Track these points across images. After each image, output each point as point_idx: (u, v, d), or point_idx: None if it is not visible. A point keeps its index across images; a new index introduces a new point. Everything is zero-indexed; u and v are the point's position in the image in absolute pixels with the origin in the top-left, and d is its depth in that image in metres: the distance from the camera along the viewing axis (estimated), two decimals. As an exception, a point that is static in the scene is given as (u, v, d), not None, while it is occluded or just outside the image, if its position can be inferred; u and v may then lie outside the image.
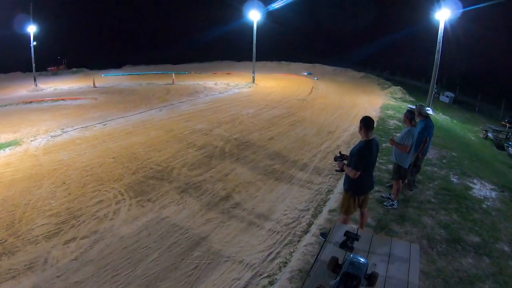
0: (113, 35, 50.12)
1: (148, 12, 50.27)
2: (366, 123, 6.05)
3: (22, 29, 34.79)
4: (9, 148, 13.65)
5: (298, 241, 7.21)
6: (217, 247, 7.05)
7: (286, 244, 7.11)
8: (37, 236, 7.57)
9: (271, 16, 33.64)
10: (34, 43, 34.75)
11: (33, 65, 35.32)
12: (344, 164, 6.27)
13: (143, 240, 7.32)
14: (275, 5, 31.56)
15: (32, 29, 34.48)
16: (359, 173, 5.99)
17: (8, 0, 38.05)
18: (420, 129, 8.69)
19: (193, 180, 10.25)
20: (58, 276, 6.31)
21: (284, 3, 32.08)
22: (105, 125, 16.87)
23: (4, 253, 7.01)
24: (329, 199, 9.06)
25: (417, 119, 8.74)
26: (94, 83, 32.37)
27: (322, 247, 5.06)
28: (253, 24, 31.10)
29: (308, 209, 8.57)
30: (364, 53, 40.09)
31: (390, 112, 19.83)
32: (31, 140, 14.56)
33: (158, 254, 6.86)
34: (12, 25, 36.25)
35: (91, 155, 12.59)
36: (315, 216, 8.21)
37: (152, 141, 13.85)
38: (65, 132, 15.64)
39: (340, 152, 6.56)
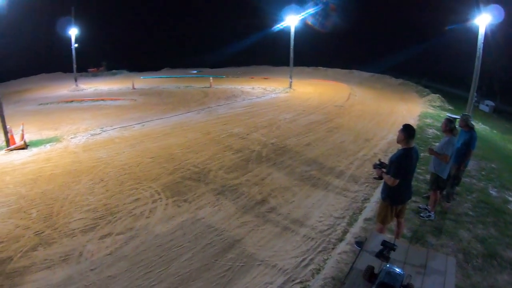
0: (152, 38, 51.34)
1: (187, 16, 51.24)
2: (408, 131, 6.02)
3: (65, 32, 36.51)
4: (49, 144, 14.38)
5: (333, 248, 7.18)
6: (251, 251, 7.11)
7: (320, 251, 7.10)
8: (74, 229, 7.90)
9: (309, 21, 33.62)
10: (76, 45, 36.42)
11: (74, 66, 36.97)
12: (382, 172, 6.24)
13: (178, 240, 7.49)
14: (312, 10, 31.52)
15: (73, 32, 36.23)
16: (397, 181, 5.97)
17: (52, 4, 39.88)
18: (464, 140, 8.53)
19: (229, 183, 10.39)
20: (92, 270, 6.56)
21: (320, 9, 32.10)
22: (143, 125, 17.41)
23: (40, 244, 7.38)
24: (365, 207, 8.99)
25: (459, 129, 8.55)
26: (133, 85, 33.38)
27: (357, 255, 5.04)
28: (290, 30, 31.09)
29: (344, 217, 8.52)
30: (402, 59, 39.12)
31: (428, 120, 19.41)
32: (71, 138, 15.26)
33: (192, 254, 7.00)
34: (55, 27, 37.93)
35: (129, 154, 13.02)
36: (350, 224, 8.17)
37: (190, 143, 14.14)
38: (104, 131, 16.29)
39: (379, 160, 6.53)
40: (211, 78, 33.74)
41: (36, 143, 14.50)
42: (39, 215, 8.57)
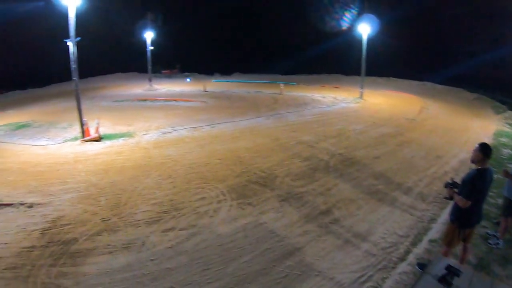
0: (224, 43, 52.59)
1: (259, 23, 52.00)
2: (485, 151, 5.81)
3: (141, 35, 39.33)
4: (122, 138, 15.50)
5: (393, 267, 7.02)
6: (309, 260, 7.15)
7: (380, 269, 6.96)
8: (139, 220, 8.47)
9: (383, 30, 32.90)
10: (151, 47, 38.88)
11: (149, 67, 39.47)
12: (454, 192, 6.06)
13: (239, 241, 7.71)
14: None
15: (149, 35, 38.78)
16: (469, 203, 5.76)
17: (131, 8, 42.78)
18: None
19: (295, 190, 10.47)
20: (152, 260, 6.99)
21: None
22: (213, 127, 18.06)
23: (105, 230, 8.04)
24: (431, 228, 8.65)
25: None
26: (205, 88, 34.49)
27: (419, 277, 4.96)
28: (362, 38, 30.47)
29: (408, 236, 8.26)
30: (478, 71, 36.58)
31: (504, 140, 18.16)
32: (143, 134, 16.31)
33: (251, 256, 7.18)
34: (133, 30, 40.55)
35: (198, 154, 13.60)
36: (414, 244, 7.92)
37: (258, 148, 14.44)
38: (175, 130, 17.20)
39: (452, 179, 6.32)
40: (281, 85, 33.97)
41: (109, 137, 15.64)
42: (107, 203, 9.28)
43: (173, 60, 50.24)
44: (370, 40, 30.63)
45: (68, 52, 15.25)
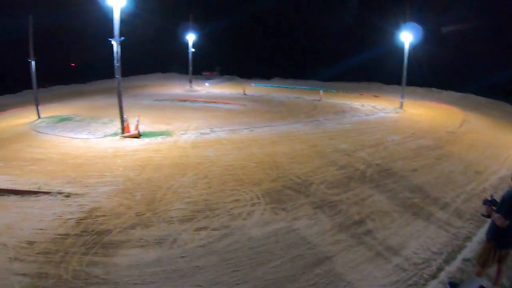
0: (265, 48, 52.87)
1: (300, 29, 51.99)
2: None
3: (183, 37, 40.58)
4: (161, 137, 15.98)
5: (423, 284, 6.85)
6: (339, 270, 7.10)
7: (409, 285, 6.82)
8: (172, 217, 8.71)
9: (425, 39, 32.20)
10: (192, 49, 40.06)
11: (190, 68, 40.61)
12: (492, 210, 5.91)
13: (270, 246, 7.75)
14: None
15: (191, 37, 39.91)
16: (507, 222, 5.60)
17: (174, 10, 44.01)
18: None
19: (329, 198, 10.42)
20: (182, 257, 7.16)
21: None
22: (251, 131, 18.21)
23: (139, 224, 8.34)
24: (465, 246, 8.38)
25: None
26: (244, 91, 34.95)
27: None
28: (404, 47, 29.75)
29: (441, 253, 8.02)
30: None
31: None
32: (182, 134, 16.74)
33: (281, 262, 7.20)
34: (176, 32, 41.69)
35: (235, 156, 13.78)
36: (447, 262, 7.68)
37: (295, 153, 14.46)
38: (213, 132, 17.49)
39: (491, 196, 6.16)
40: (321, 92, 33.85)
41: (148, 134, 16.14)
42: (142, 198, 9.62)
43: (213, 63, 51.01)
44: (412, 49, 30.10)
45: (112, 51, 15.83)
